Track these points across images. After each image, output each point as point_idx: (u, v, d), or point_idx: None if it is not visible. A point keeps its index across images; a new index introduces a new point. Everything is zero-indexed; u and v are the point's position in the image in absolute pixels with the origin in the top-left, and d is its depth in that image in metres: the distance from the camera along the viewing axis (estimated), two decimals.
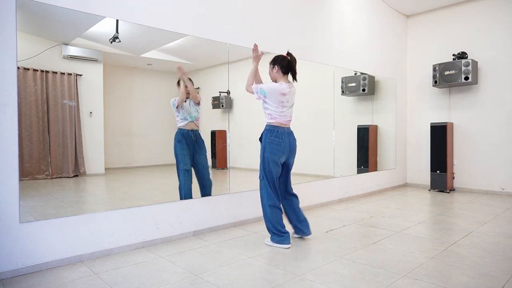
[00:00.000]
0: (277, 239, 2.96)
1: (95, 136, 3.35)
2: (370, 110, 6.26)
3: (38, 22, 2.91)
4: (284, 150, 2.96)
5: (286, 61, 2.98)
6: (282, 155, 2.96)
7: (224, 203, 3.62)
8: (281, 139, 2.93)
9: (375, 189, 5.80)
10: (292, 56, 3.02)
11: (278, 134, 2.94)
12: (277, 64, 2.99)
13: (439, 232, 3.45)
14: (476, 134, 5.75)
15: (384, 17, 6.07)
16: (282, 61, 2.99)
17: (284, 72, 3.00)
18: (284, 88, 2.94)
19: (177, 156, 3.44)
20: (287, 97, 2.95)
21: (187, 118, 3.47)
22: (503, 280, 2.27)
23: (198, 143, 3.54)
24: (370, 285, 2.21)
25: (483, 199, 5.11)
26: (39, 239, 2.48)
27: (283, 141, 2.94)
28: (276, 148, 2.93)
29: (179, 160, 3.44)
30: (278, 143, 2.93)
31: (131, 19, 3.02)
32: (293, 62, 3.01)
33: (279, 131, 2.95)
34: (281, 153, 2.95)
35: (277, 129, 2.95)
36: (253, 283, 2.25)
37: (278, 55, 3.05)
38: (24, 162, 2.93)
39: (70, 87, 3.17)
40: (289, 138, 2.99)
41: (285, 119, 2.98)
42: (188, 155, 3.46)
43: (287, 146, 2.96)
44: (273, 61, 3.03)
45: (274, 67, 3.01)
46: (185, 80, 3.44)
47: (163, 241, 3.12)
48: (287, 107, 2.97)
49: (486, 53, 5.62)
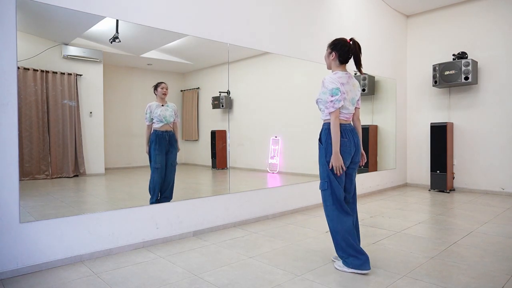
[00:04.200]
0: (355, 263, 2.38)
1: (95, 136, 3.35)
2: (370, 110, 6.26)
3: (38, 22, 2.91)
4: (351, 152, 2.50)
5: (347, 48, 2.48)
6: (348, 157, 2.49)
7: (224, 203, 3.62)
8: (348, 139, 2.47)
9: (375, 189, 5.80)
10: (357, 44, 2.50)
11: (343, 134, 2.46)
12: (336, 50, 2.50)
13: (439, 232, 3.45)
14: (476, 134, 5.75)
15: (384, 17, 6.07)
16: (342, 47, 2.48)
17: (341, 61, 2.51)
18: (341, 77, 2.45)
19: (150, 155, 3.53)
20: (346, 88, 2.45)
21: (163, 121, 3.51)
22: (503, 280, 2.27)
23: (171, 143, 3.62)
24: (370, 285, 2.21)
25: (483, 199, 5.11)
26: (39, 239, 2.48)
27: (349, 141, 2.48)
28: (343, 150, 2.44)
29: (151, 159, 3.52)
30: (344, 143, 2.45)
31: (131, 19, 3.02)
32: (357, 50, 2.50)
33: (345, 130, 2.47)
34: (348, 155, 2.48)
35: (342, 128, 2.45)
36: (253, 283, 2.25)
37: (339, 38, 2.55)
38: (24, 162, 2.93)
39: (70, 87, 3.17)
40: (353, 137, 2.53)
41: (347, 115, 2.51)
42: (160, 155, 3.53)
43: (352, 146, 2.50)
44: (333, 45, 2.53)
45: (332, 53, 2.52)
46: None
47: (163, 241, 3.12)
48: (347, 101, 2.47)
49: (486, 53, 5.62)
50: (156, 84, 3.55)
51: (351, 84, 2.52)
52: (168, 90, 3.57)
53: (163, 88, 3.53)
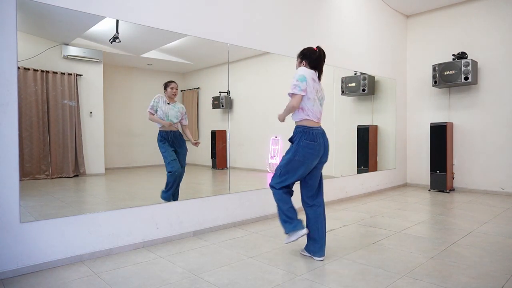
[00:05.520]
0: (290, 228, 2.63)
1: (95, 136, 3.35)
2: (370, 110, 6.26)
3: (38, 22, 2.91)
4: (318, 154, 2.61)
5: (316, 56, 2.64)
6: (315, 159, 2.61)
7: (224, 203, 3.62)
8: (317, 142, 2.58)
9: (375, 189, 5.80)
10: (322, 51, 2.67)
11: (313, 137, 2.57)
12: (305, 58, 2.66)
13: (439, 232, 3.45)
14: (476, 134, 5.75)
15: (384, 17, 6.07)
16: (311, 54, 2.65)
17: (311, 68, 2.65)
18: (312, 73, 2.60)
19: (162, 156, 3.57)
20: (315, 87, 2.59)
21: (164, 118, 3.52)
22: (503, 280, 2.27)
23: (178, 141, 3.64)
24: (370, 285, 2.21)
25: (483, 199, 5.11)
26: (39, 239, 2.48)
27: (319, 144, 2.59)
28: (311, 153, 2.57)
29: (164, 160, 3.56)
30: (313, 147, 2.57)
31: (131, 19, 3.02)
32: (321, 57, 2.66)
33: (314, 133, 2.59)
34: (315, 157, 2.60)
35: (311, 131, 2.59)
36: (253, 283, 2.25)
37: (308, 47, 2.71)
38: (24, 162, 2.93)
39: (70, 87, 3.17)
40: (324, 140, 2.65)
41: (316, 116, 2.63)
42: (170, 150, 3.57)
43: (322, 148, 2.62)
44: (302, 54, 2.70)
45: (302, 62, 2.69)
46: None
47: (163, 241, 3.12)
48: (317, 100, 2.62)
49: (486, 53, 5.62)
50: (166, 83, 3.53)
51: (318, 86, 2.67)
52: (178, 90, 3.57)
53: (173, 88, 3.53)
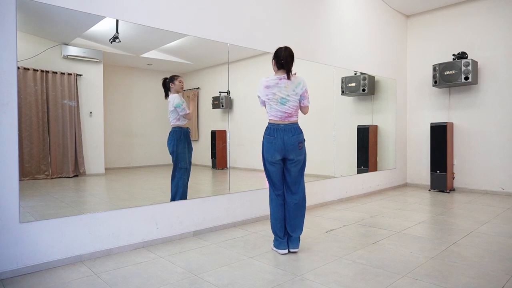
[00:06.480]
0: (275, 244, 2.89)
1: (95, 136, 3.35)
2: (370, 110, 6.26)
3: (38, 22, 2.91)
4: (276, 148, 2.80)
5: (280, 55, 2.80)
6: (275, 153, 2.81)
7: (224, 203, 3.62)
8: (273, 137, 2.80)
9: (375, 189, 5.80)
10: (288, 50, 2.81)
11: (271, 132, 2.82)
12: (274, 57, 2.86)
13: (439, 232, 3.45)
14: (476, 134, 5.75)
15: (384, 17, 6.07)
16: (277, 54, 2.82)
17: (278, 67, 2.83)
18: (267, 81, 2.83)
19: (178, 154, 3.47)
20: (272, 90, 2.79)
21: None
22: (503, 280, 2.27)
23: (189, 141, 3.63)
24: (370, 285, 2.21)
25: (483, 199, 5.11)
26: (39, 239, 2.48)
27: (275, 138, 2.79)
28: (266, 145, 2.84)
29: (180, 158, 3.47)
30: (267, 140, 2.83)
31: (131, 19, 3.02)
32: (286, 56, 2.78)
33: (272, 128, 2.82)
34: (273, 151, 2.81)
35: (270, 126, 2.84)
36: (253, 283, 2.25)
37: (278, 47, 2.88)
38: (24, 162, 2.93)
39: (70, 87, 3.17)
40: (283, 135, 2.80)
41: (276, 115, 2.81)
42: (188, 153, 3.51)
43: (279, 142, 2.79)
44: (273, 54, 2.89)
45: (272, 61, 2.89)
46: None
47: (163, 241, 3.12)
48: (274, 101, 2.80)
49: (486, 53, 5.62)
50: (171, 77, 3.47)
51: (282, 86, 2.79)
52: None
53: (181, 82, 3.49)
